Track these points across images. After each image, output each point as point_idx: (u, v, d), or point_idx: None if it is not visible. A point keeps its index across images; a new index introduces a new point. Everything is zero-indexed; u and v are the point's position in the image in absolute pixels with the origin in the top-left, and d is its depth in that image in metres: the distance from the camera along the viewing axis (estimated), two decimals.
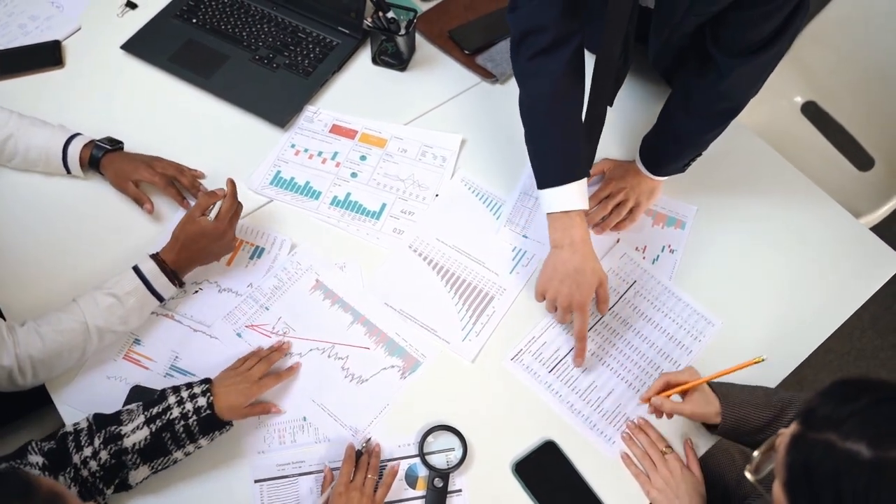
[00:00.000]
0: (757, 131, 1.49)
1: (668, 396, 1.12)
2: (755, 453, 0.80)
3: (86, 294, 1.13)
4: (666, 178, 1.34)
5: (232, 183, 1.21)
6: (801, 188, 1.43)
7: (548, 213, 1.19)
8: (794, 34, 1.08)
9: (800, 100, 1.84)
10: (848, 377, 0.74)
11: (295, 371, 1.19)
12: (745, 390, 1.13)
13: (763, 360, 1.06)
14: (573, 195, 1.16)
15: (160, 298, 1.17)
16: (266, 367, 1.15)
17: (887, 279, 1.32)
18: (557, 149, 1.18)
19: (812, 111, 1.83)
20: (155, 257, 1.17)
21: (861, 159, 1.77)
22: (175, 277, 1.18)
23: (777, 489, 0.74)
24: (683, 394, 1.13)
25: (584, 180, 1.18)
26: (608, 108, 1.25)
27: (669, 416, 1.15)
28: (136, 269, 1.15)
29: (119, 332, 1.15)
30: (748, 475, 0.81)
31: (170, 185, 1.32)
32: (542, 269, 1.21)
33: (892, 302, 2.22)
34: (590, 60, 1.20)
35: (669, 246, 1.34)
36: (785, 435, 0.73)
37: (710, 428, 1.15)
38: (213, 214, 1.18)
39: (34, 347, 1.07)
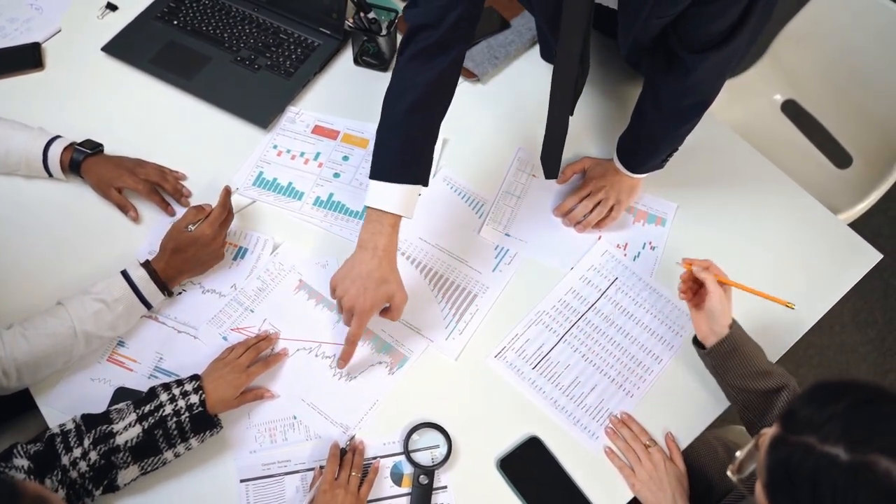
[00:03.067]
0: (737, 129, 1.51)
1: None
2: (738, 453, 0.81)
3: (73, 298, 1.13)
4: (645, 175, 1.35)
5: (226, 191, 1.21)
6: (780, 185, 1.44)
7: (367, 206, 1.14)
8: (758, 26, 1.09)
9: (779, 98, 1.86)
10: (828, 380, 0.74)
11: (282, 357, 1.20)
12: (757, 345, 1.13)
13: (794, 306, 1.13)
14: (398, 197, 1.12)
15: (148, 306, 1.17)
16: (254, 356, 1.15)
17: (864, 273, 1.34)
18: (401, 149, 1.13)
19: (791, 110, 1.85)
20: (146, 265, 1.17)
21: (839, 157, 1.79)
22: (164, 287, 1.18)
23: (759, 490, 0.75)
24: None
25: (416, 192, 1.14)
26: (570, 116, 1.24)
27: (687, 287, 1.16)
28: (126, 275, 1.15)
29: (106, 338, 1.15)
30: (730, 475, 0.81)
31: (153, 191, 1.32)
32: (342, 264, 1.17)
33: (872, 297, 2.25)
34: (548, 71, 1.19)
35: (650, 243, 1.35)
36: (766, 436, 0.74)
37: (699, 345, 1.15)
38: (195, 225, 1.19)
39: (20, 350, 1.06)
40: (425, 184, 1.15)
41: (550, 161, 1.30)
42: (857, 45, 1.66)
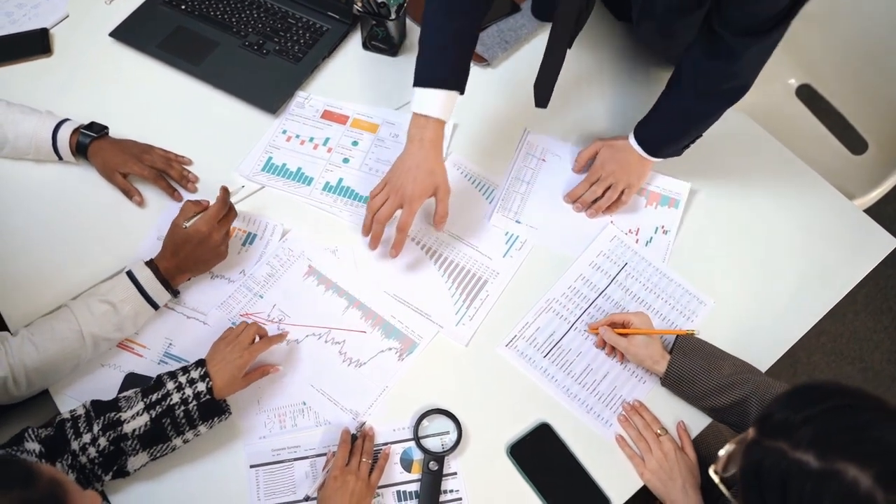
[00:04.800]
0: (751, 114, 1.49)
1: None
2: (721, 452, 0.80)
3: (79, 300, 1.12)
4: (660, 160, 1.33)
5: (224, 190, 1.19)
6: (794, 170, 1.42)
7: (413, 112, 1.21)
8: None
9: (794, 82, 1.84)
10: (808, 382, 0.75)
11: (285, 336, 1.19)
12: (714, 355, 1.15)
13: (694, 332, 1.18)
14: (439, 102, 1.19)
15: (155, 306, 1.17)
16: (255, 331, 1.14)
17: (880, 260, 1.33)
18: (442, 55, 1.20)
19: (806, 94, 1.83)
20: (150, 264, 1.16)
21: (855, 142, 1.77)
22: (170, 286, 1.17)
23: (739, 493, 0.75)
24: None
25: (455, 97, 1.21)
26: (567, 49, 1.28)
27: (609, 346, 1.21)
28: (131, 276, 1.14)
29: (113, 340, 1.14)
30: (712, 474, 0.81)
31: (159, 177, 1.31)
32: (393, 164, 1.24)
33: (886, 284, 2.23)
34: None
35: (663, 227, 1.34)
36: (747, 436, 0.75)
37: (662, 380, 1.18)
38: (191, 222, 1.17)
39: (29, 357, 1.06)
40: (462, 91, 1.22)
41: (542, 90, 1.32)
42: (874, 28, 1.64)
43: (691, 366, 1.14)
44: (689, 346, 1.16)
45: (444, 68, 1.19)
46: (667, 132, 1.30)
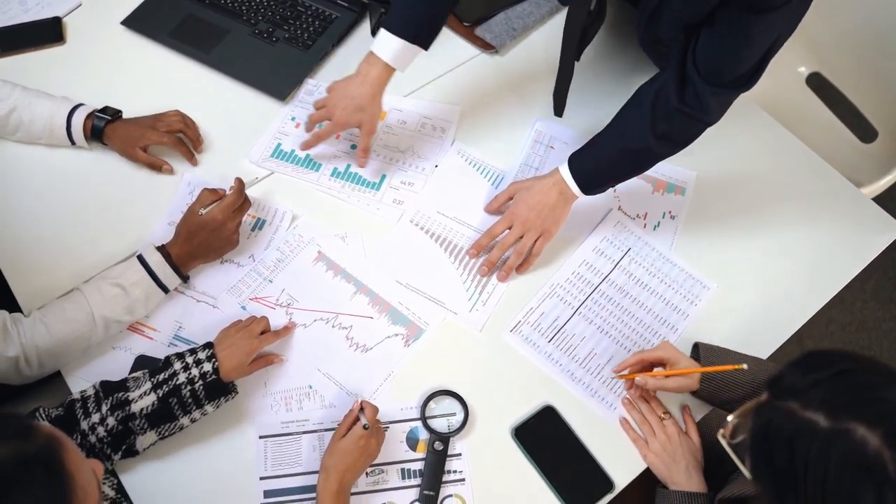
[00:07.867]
0: (761, 102, 1.48)
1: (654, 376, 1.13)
2: (729, 417, 0.81)
3: (91, 283, 1.14)
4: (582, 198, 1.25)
5: (239, 181, 1.21)
6: (802, 158, 1.42)
7: (370, 49, 1.25)
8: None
9: (804, 70, 1.83)
10: (818, 349, 0.75)
11: (291, 330, 1.21)
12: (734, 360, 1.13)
13: (744, 367, 1.06)
14: (393, 48, 1.22)
15: (165, 290, 1.18)
16: (265, 324, 1.16)
17: (885, 247, 1.32)
18: (413, 8, 1.22)
19: (817, 82, 1.82)
20: (161, 249, 1.17)
21: (864, 131, 1.76)
22: (179, 272, 1.18)
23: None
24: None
25: (415, 51, 1.24)
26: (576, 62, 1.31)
27: (654, 392, 1.16)
28: (142, 260, 1.16)
29: (124, 323, 1.16)
30: (720, 438, 0.82)
31: (179, 142, 1.33)
32: (343, 79, 1.29)
33: (895, 273, 2.22)
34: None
35: (670, 212, 1.34)
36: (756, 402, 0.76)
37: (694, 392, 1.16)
38: (207, 209, 1.19)
39: (40, 338, 1.08)
40: (425, 48, 1.25)
41: (557, 100, 1.37)
42: (885, 16, 1.62)
43: (719, 377, 1.11)
44: (716, 355, 1.14)
45: (409, 20, 1.22)
46: (607, 168, 1.22)
